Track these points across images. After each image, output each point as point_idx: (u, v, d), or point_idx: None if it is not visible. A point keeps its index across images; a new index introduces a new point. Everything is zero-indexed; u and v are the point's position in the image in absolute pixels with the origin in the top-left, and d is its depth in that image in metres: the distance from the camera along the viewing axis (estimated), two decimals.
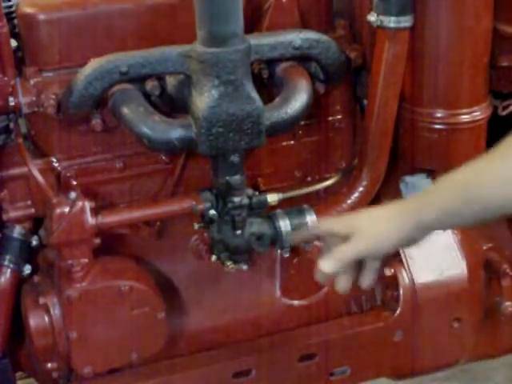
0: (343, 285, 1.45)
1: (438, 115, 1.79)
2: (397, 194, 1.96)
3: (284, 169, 1.88)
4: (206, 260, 1.84)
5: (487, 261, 2.02)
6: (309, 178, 1.91)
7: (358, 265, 1.42)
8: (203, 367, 1.85)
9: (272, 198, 1.76)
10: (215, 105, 1.58)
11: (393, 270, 1.92)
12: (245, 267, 1.81)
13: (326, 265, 1.42)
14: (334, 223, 1.49)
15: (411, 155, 1.87)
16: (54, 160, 1.72)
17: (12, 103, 1.62)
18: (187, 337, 1.88)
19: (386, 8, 1.68)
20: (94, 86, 1.61)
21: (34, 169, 1.69)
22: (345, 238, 1.40)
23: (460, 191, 1.31)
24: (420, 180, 1.98)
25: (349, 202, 1.84)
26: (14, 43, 1.64)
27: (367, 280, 1.45)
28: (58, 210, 1.65)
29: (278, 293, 1.94)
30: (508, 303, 1.97)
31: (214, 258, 1.80)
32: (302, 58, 1.74)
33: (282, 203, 1.78)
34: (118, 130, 1.70)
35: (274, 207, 1.78)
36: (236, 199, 1.70)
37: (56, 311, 1.71)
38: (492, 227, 2.07)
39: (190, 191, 1.76)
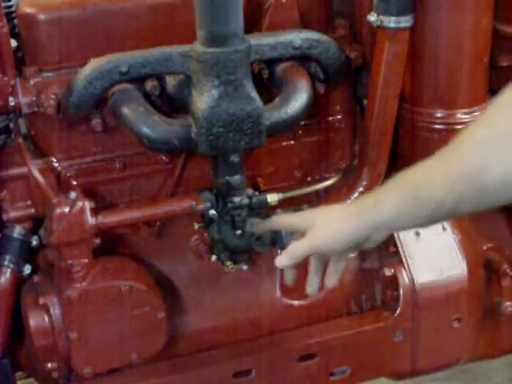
0: (311, 286, 1.45)
1: (438, 115, 1.79)
2: None
3: (284, 169, 1.88)
4: (206, 260, 1.84)
5: (487, 261, 2.01)
6: (309, 178, 1.91)
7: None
8: (203, 367, 1.85)
9: (272, 197, 1.76)
10: (215, 105, 1.58)
11: (393, 270, 1.92)
12: (245, 267, 1.81)
13: (280, 260, 1.43)
14: (292, 218, 1.50)
15: (411, 155, 1.87)
16: (54, 160, 1.72)
17: (12, 103, 1.62)
18: (187, 337, 1.88)
19: (386, 8, 1.68)
20: (94, 86, 1.61)
21: (34, 169, 1.69)
22: (302, 234, 1.41)
23: (410, 191, 1.30)
24: None
25: (349, 201, 1.84)
26: (14, 43, 1.64)
27: (330, 279, 1.45)
28: (57, 210, 1.65)
29: (278, 293, 1.94)
30: (508, 303, 1.97)
31: (213, 258, 1.80)
32: (302, 58, 1.74)
33: (282, 203, 1.78)
34: (118, 130, 1.70)
35: (274, 207, 1.78)
36: (236, 199, 1.70)
37: (56, 311, 1.71)
38: (492, 227, 2.07)
39: (189, 191, 1.76)
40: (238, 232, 1.72)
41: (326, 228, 1.39)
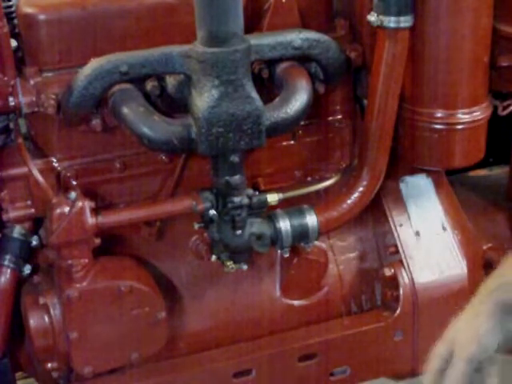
0: None
1: (438, 115, 1.79)
2: (397, 194, 1.96)
3: (284, 169, 1.88)
4: (205, 260, 1.84)
5: (487, 261, 2.01)
6: (309, 178, 1.91)
7: None
8: (203, 367, 1.85)
9: (272, 197, 1.76)
10: (215, 105, 1.58)
11: (393, 270, 1.91)
12: (245, 267, 1.81)
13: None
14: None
15: (411, 155, 1.87)
16: (54, 160, 1.72)
17: (12, 103, 1.62)
18: (187, 337, 1.88)
19: (386, 8, 1.68)
20: (94, 86, 1.61)
21: (34, 169, 1.69)
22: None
23: None
24: (420, 180, 1.98)
25: (349, 201, 1.84)
26: (14, 43, 1.64)
27: None
28: (58, 210, 1.65)
29: (278, 293, 1.94)
30: None
31: (213, 257, 1.80)
32: (302, 58, 1.74)
33: (282, 203, 1.78)
34: (118, 130, 1.70)
35: (274, 207, 1.78)
36: (236, 199, 1.70)
37: (56, 311, 1.72)
38: (492, 227, 2.07)
39: (189, 191, 1.76)
40: (238, 232, 1.72)
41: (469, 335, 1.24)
